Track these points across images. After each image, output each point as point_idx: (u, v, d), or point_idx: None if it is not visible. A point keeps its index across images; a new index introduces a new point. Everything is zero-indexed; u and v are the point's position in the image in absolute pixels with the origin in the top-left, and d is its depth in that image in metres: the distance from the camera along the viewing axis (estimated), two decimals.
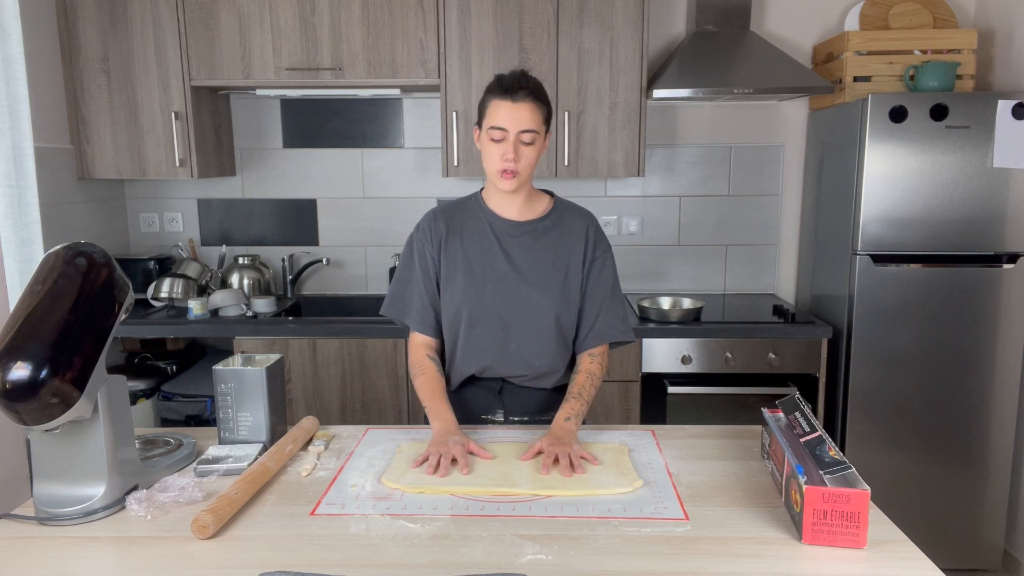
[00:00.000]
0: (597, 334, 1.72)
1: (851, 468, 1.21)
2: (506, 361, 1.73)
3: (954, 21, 2.85)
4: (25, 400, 1.18)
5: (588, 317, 1.72)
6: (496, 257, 1.69)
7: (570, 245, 1.71)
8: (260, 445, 1.56)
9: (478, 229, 1.71)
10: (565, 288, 1.70)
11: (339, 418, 2.71)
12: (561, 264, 1.70)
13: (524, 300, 1.69)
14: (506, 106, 1.57)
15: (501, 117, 1.57)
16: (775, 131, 3.15)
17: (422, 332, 1.74)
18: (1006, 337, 2.61)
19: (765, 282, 3.26)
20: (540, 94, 1.60)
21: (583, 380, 1.68)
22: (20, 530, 1.27)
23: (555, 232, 1.71)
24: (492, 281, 1.69)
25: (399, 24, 2.72)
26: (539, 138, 1.60)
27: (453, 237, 1.71)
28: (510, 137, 1.57)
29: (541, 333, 1.71)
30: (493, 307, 1.69)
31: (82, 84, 2.76)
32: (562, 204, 1.76)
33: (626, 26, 2.73)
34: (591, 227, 1.73)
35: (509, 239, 1.70)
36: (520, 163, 1.59)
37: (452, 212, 1.75)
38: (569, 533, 1.23)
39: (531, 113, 1.57)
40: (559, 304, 1.69)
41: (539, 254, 1.70)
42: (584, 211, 1.77)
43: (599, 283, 1.72)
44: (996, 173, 2.53)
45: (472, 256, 1.70)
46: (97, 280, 1.30)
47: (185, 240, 3.23)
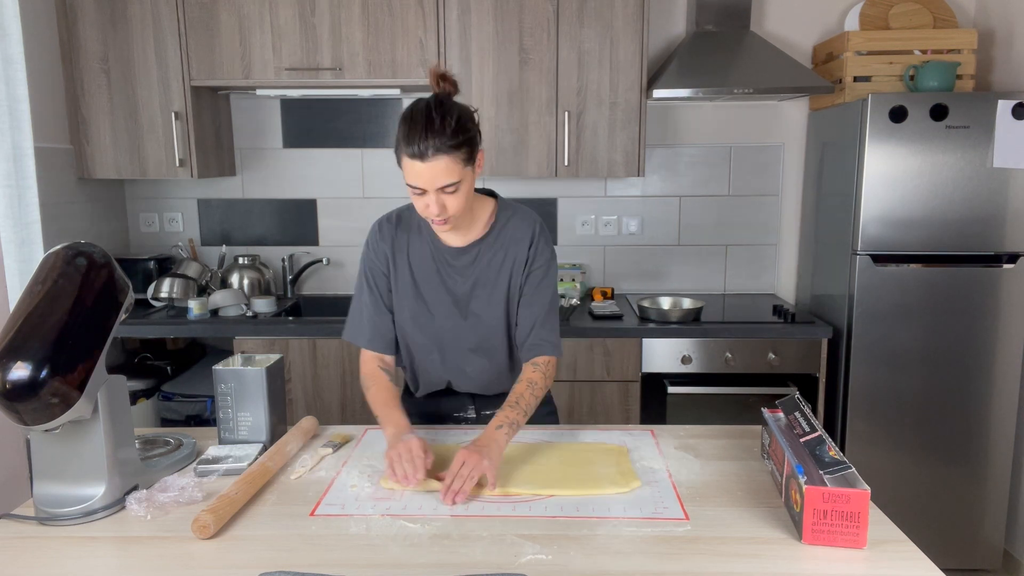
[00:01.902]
0: (531, 346, 1.62)
1: (851, 468, 1.21)
2: (464, 382, 1.73)
3: (954, 21, 2.85)
4: (25, 400, 1.18)
5: (524, 326, 1.63)
6: (440, 287, 1.63)
7: (512, 256, 1.62)
8: (260, 445, 1.56)
9: (423, 253, 1.64)
10: (509, 302, 1.65)
11: (339, 418, 2.71)
12: (504, 278, 1.63)
13: (471, 328, 1.65)
14: (417, 166, 1.42)
15: (414, 176, 1.44)
16: (775, 131, 3.15)
17: (372, 350, 1.68)
18: (1006, 337, 2.61)
19: (765, 282, 3.26)
20: (454, 139, 1.41)
21: (522, 389, 1.56)
22: (20, 530, 1.27)
23: (498, 245, 1.63)
24: (439, 312, 1.64)
25: (399, 24, 2.72)
26: (463, 183, 1.46)
27: (400, 256, 1.65)
28: (430, 193, 1.45)
29: (493, 354, 1.69)
30: (441, 337, 1.66)
31: (82, 84, 2.76)
32: (505, 212, 1.65)
33: (626, 26, 2.73)
34: (535, 235, 1.63)
35: (452, 266, 1.63)
36: (447, 211, 1.48)
37: (397, 229, 1.66)
38: (569, 533, 1.23)
39: (447, 167, 1.42)
40: (506, 324, 1.66)
41: (482, 273, 1.63)
42: (528, 216, 1.66)
43: (538, 295, 1.63)
44: (996, 173, 2.53)
45: (419, 281, 1.64)
46: (97, 280, 1.30)
47: (185, 240, 3.23)
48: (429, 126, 1.40)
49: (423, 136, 1.40)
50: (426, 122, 1.41)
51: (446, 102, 1.46)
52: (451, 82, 1.49)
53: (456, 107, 1.46)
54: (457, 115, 1.44)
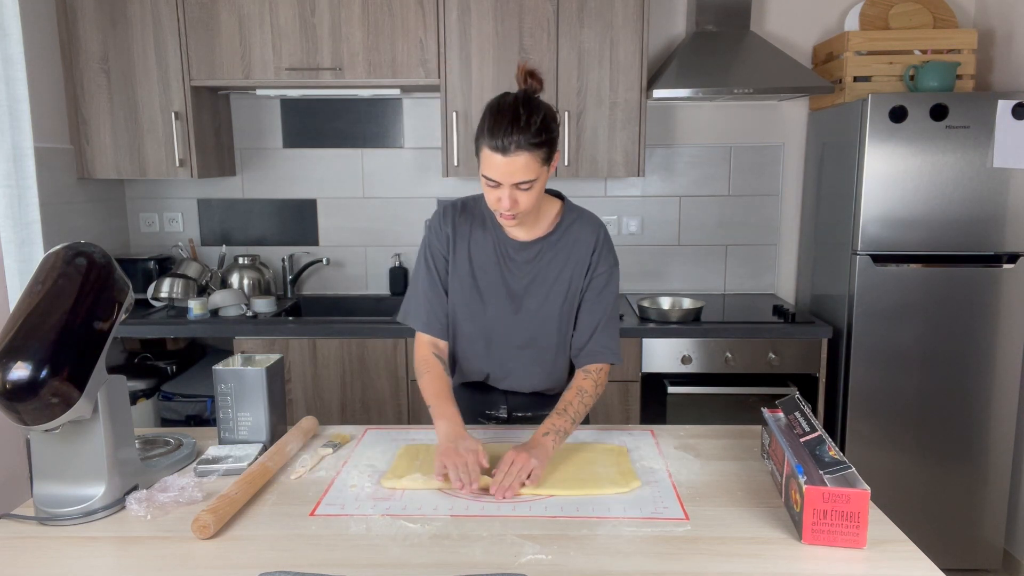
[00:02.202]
0: (590, 353, 1.64)
1: (851, 468, 1.21)
2: (503, 377, 1.74)
3: (954, 21, 2.85)
4: (25, 400, 1.18)
5: (583, 332, 1.65)
6: (499, 279, 1.65)
7: (575, 259, 1.64)
8: (260, 445, 1.56)
9: (484, 243, 1.65)
10: (566, 304, 1.66)
11: (339, 418, 2.71)
12: (564, 279, 1.64)
13: (522, 324, 1.66)
14: (497, 159, 1.43)
15: (493, 169, 1.45)
16: (775, 131, 3.15)
17: (427, 332, 1.69)
18: (1006, 337, 2.61)
19: (765, 282, 3.26)
20: (537, 138, 1.43)
21: (572, 397, 1.58)
22: (20, 530, 1.27)
23: (561, 245, 1.64)
24: (492, 303, 1.65)
25: (399, 24, 2.72)
26: (538, 181, 1.48)
27: (461, 243, 1.65)
28: (504, 187, 1.46)
29: (539, 352, 1.69)
30: (491, 329, 1.67)
31: (82, 84, 2.76)
32: (571, 213, 1.67)
33: (626, 26, 2.73)
34: (599, 240, 1.65)
35: (513, 260, 1.64)
36: (519, 206, 1.49)
37: (460, 216, 1.66)
38: (569, 533, 1.23)
39: (526, 164, 1.43)
40: (559, 324, 1.66)
41: (543, 271, 1.64)
42: (594, 220, 1.68)
43: (600, 301, 1.64)
44: (996, 173, 2.53)
45: (477, 270, 1.65)
46: (97, 280, 1.30)
47: (185, 240, 3.23)
48: (515, 121, 1.42)
49: (508, 131, 1.41)
50: (512, 117, 1.42)
51: (533, 99, 1.47)
52: (538, 79, 1.51)
53: (542, 106, 1.48)
54: (543, 114, 1.45)
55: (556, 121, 1.50)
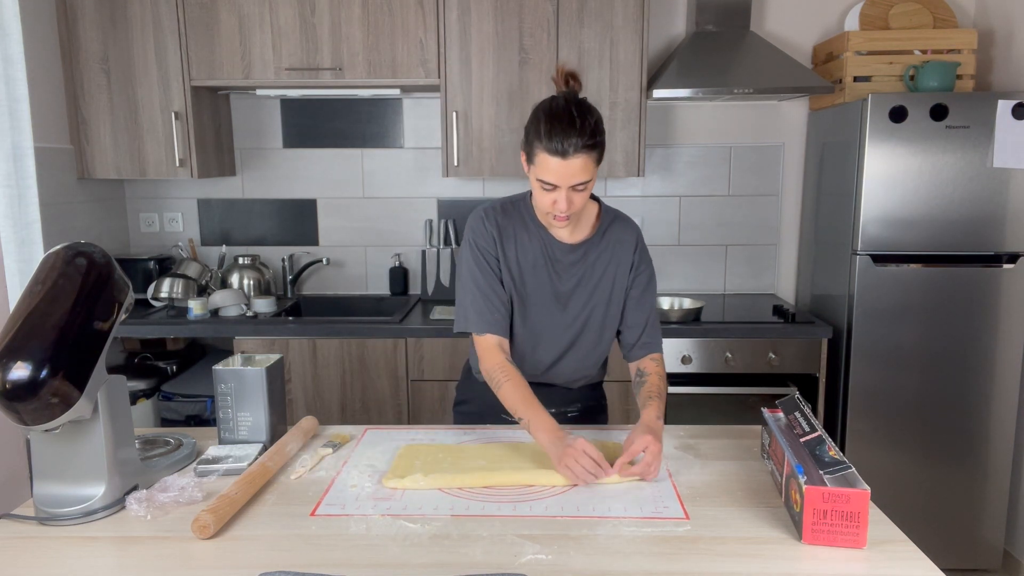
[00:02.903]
0: (645, 345, 1.70)
1: (851, 468, 1.21)
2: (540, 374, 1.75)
3: (954, 21, 2.85)
4: (25, 400, 1.18)
5: (635, 327, 1.70)
6: (546, 279, 1.66)
7: (617, 260, 1.67)
8: (260, 445, 1.56)
9: (531, 245, 1.65)
10: (610, 304, 1.68)
11: (339, 418, 2.71)
12: (608, 279, 1.67)
13: (568, 324, 1.68)
14: (555, 163, 1.45)
15: (550, 172, 1.46)
16: (775, 131, 3.15)
17: (493, 333, 1.62)
18: (1006, 337, 2.61)
19: (765, 282, 3.26)
20: (592, 139, 1.45)
21: (657, 382, 1.64)
22: (20, 530, 1.27)
23: (604, 245, 1.67)
24: (538, 305, 1.67)
25: (399, 24, 2.72)
26: (592, 180, 1.50)
27: (508, 243, 1.65)
28: (562, 190, 1.48)
29: (580, 354, 1.72)
30: (537, 331, 1.69)
31: (82, 84, 2.76)
32: (609, 214, 1.69)
33: (626, 26, 2.73)
34: (639, 239, 1.70)
35: (560, 262, 1.65)
36: (574, 207, 1.51)
37: (503, 218, 1.66)
38: (569, 533, 1.23)
39: (583, 165, 1.45)
40: (602, 325, 1.69)
41: (587, 272, 1.66)
42: (630, 223, 1.71)
43: (645, 297, 1.70)
44: (996, 173, 2.53)
45: (525, 272, 1.65)
46: (97, 280, 1.30)
47: (185, 240, 3.23)
48: (571, 125, 1.43)
49: (567, 134, 1.43)
50: (569, 120, 1.44)
51: (583, 102, 1.50)
52: (578, 81, 1.53)
53: (593, 108, 1.50)
54: (596, 116, 1.49)
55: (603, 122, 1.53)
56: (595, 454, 1.40)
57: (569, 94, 1.51)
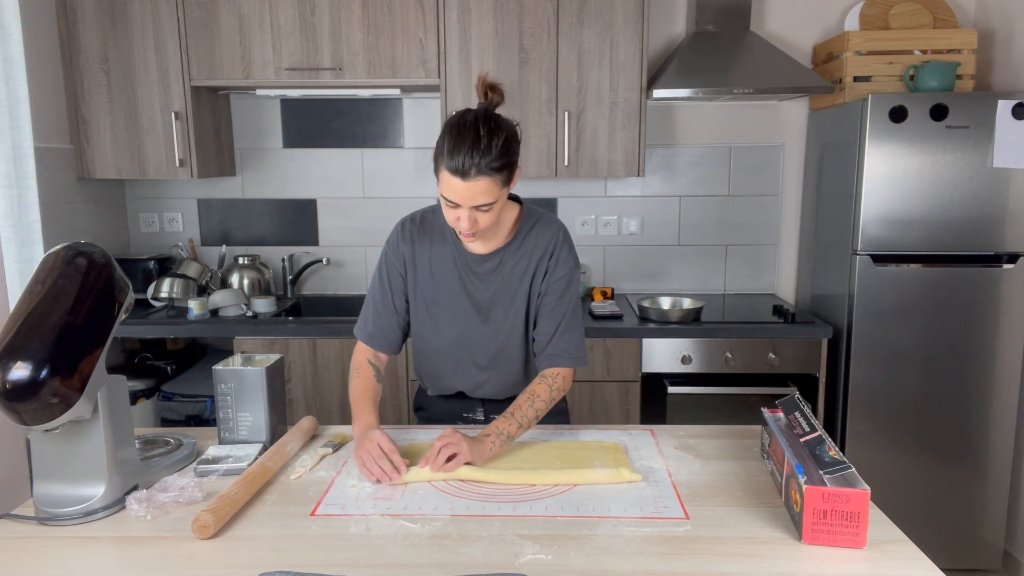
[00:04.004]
0: (548, 357, 1.61)
1: (851, 468, 1.21)
2: (476, 389, 1.73)
3: (954, 21, 2.85)
4: (25, 400, 1.18)
5: (543, 336, 1.62)
6: (461, 293, 1.62)
7: (534, 264, 1.61)
8: (260, 445, 1.56)
9: (446, 258, 1.62)
10: (528, 310, 1.64)
11: (339, 418, 2.71)
12: (524, 286, 1.61)
13: (491, 335, 1.64)
14: (456, 183, 1.39)
15: (451, 192, 1.41)
16: (775, 131, 3.15)
17: (370, 346, 1.68)
18: (1006, 337, 2.61)
19: (765, 282, 3.25)
20: (498, 162, 1.39)
21: (523, 401, 1.54)
22: (20, 530, 1.27)
23: (521, 252, 1.61)
24: (458, 318, 1.63)
25: (399, 24, 2.72)
26: (498, 201, 1.45)
27: (421, 260, 1.63)
28: (464, 208, 1.43)
29: (509, 363, 1.68)
30: (458, 344, 1.66)
31: (82, 84, 2.76)
32: (530, 219, 1.62)
33: (626, 26, 2.73)
34: (557, 244, 1.60)
35: (475, 273, 1.62)
36: (478, 226, 1.46)
37: (419, 231, 1.64)
38: (569, 533, 1.23)
39: (486, 188, 1.40)
40: (524, 332, 1.65)
41: (504, 280, 1.61)
42: (553, 224, 1.63)
43: (560, 304, 1.60)
44: (996, 173, 2.53)
45: (440, 286, 1.63)
46: (97, 280, 1.30)
47: (185, 240, 3.23)
48: (475, 145, 1.37)
49: (468, 154, 1.37)
50: (473, 139, 1.38)
51: (495, 118, 1.43)
52: (499, 93, 1.47)
53: (504, 126, 1.44)
54: (504, 135, 1.41)
55: (517, 140, 1.46)
56: (387, 447, 1.41)
57: (482, 109, 1.45)
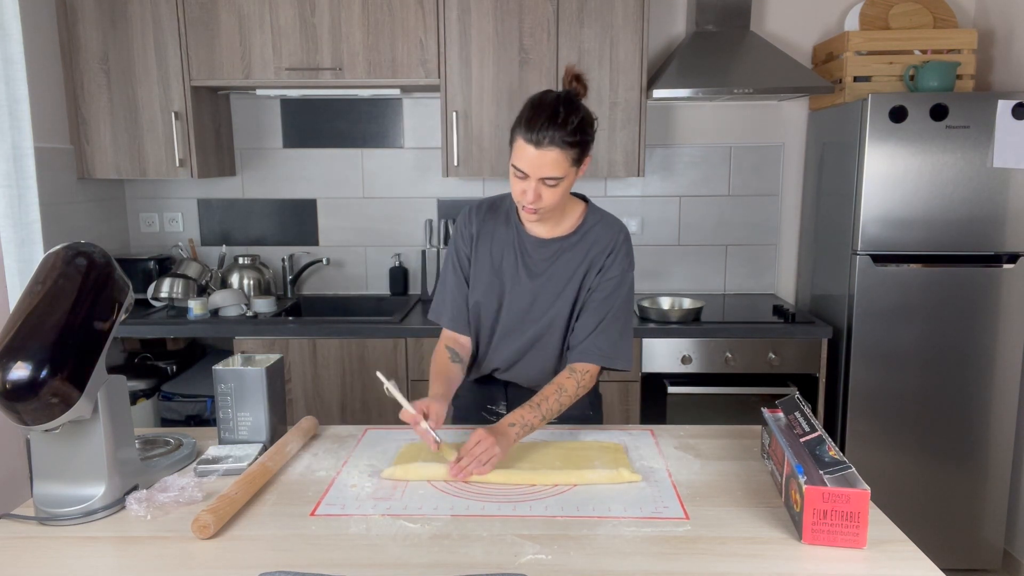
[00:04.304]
0: (581, 351, 1.62)
1: (851, 468, 1.21)
2: (507, 369, 1.75)
3: (954, 21, 2.85)
4: (25, 400, 1.18)
5: (582, 330, 1.64)
6: (518, 274, 1.67)
7: (589, 261, 1.64)
8: (260, 445, 1.56)
9: (507, 240, 1.67)
10: (577, 305, 1.67)
11: (339, 418, 2.71)
12: (576, 280, 1.65)
13: (534, 320, 1.68)
14: (529, 151, 1.45)
15: (523, 160, 1.47)
16: (775, 131, 3.15)
17: (451, 329, 1.73)
18: (1006, 337, 2.61)
19: (765, 282, 3.25)
20: (571, 137, 1.45)
21: (549, 391, 1.56)
22: (20, 530, 1.27)
23: (579, 247, 1.65)
24: (508, 299, 1.68)
25: (399, 24, 2.72)
26: (565, 180, 1.49)
27: (484, 240, 1.68)
28: (532, 180, 1.48)
29: (548, 350, 1.71)
30: (504, 324, 1.70)
31: (82, 84, 2.76)
32: (593, 216, 1.67)
33: (626, 26, 2.73)
34: (617, 243, 1.64)
35: (532, 257, 1.66)
36: (542, 202, 1.51)
37: (487, 214, 1.70)
38: (569, 533, 1.23)
39: (555, 160, 1.45)
40: (566, 323, 1.68)
41: (559, 270, 1.65)
42: (615, 224, 1.68)
43: (606, 303, 1.63)
44: (996, 173, 2.53)
45: (497, 267, 1.68)
46: (97, 280, 1.30)
47: (185, 240, 3.23)
48: (553, 117, 1.44)
49: (544, 125, 1.44)
50: (551, 113, 1.45)
51: (574, 101, 1.50)
52: (583, 85, 1.53)
53: (582, 108, 1.50)
54: (581, 116, 1.48)
55: (593, 127, 1.52)
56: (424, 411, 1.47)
57: (564, 92, 1.51)
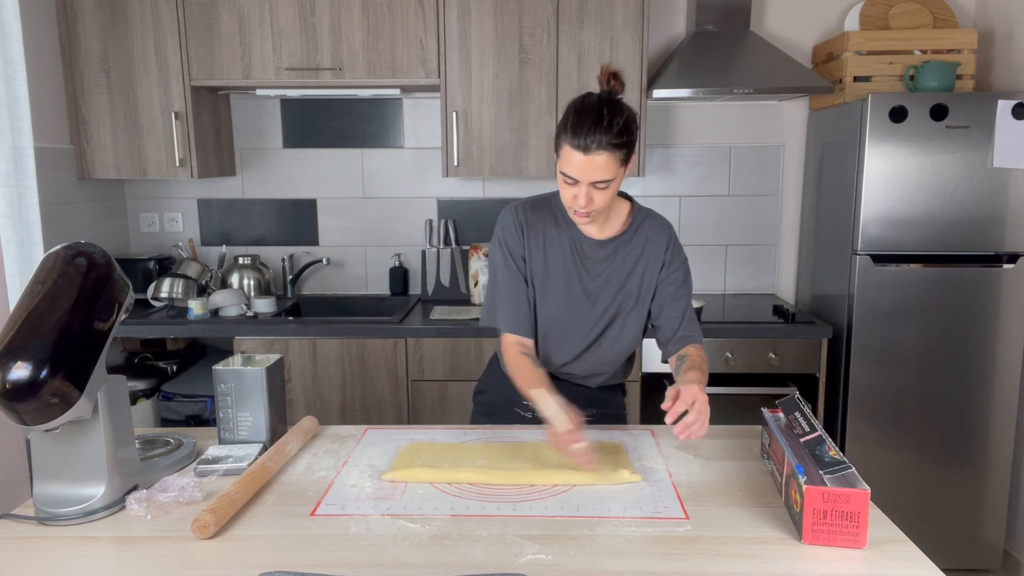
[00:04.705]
0: (682, 339, 1.67)
1: (851, 468, 1.21)
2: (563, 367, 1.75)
3: (954, 21, 2.85)
4: (25, 400, 1.18)
5: (672, 322, 1.68)
6: (574, 275, 1.67)
7: (648, 258, 1.66)
8: (260, 445, 1.56)
9: (559, 240, 1.66)
10: (638, 302, 1.68)
11: (339, 418, 2.71)
12: (636, 277, 1.67)
13: (595, 320, 1.68)
14: (577, 157, 1.46)
15: (572, 166, 1.47)
16: (775, 131, 3.15)
17: (515, 333, 1.68)
18: (1006, 337, 2.61)
19: (765, 282, 3.25)
20: (618, 139, 1.45)
21: (698, 361, 1.61)
22: (20, 530, 1.27)
23: (634, 243, 1.66)
24: (566, 301, 1.67)
25: (399, 24, 2.72)
26: (615, 180, 1.50)
27: (535, 240, 1.67)
28: (582, 185, 1.49)
29: (601, 350, 1.72)
30: (563, 326, 1.69)
31: (82, 84, 2.76)
32: (641, 213, 1.69)
33: (626, 26, 2.73)
34: (671, 238, 1.69)
35: (589, 258, 1.66)
36: (594, 204, 1.51)
37: (532, 214, 1.68)
38: (569, 533, 1.23)
39: (605, 163, 1.45)
40: (625, 322, 1.69)
41: (617, 269, 1.66)
42: (663, 221, 1.71)
43: (681, 293, 1.68)
44: (996, 173, 2.53)
45: (552, 267, 1.67)
46: (97, 280, 1.30)
47: (185, 240, 3.23)
48: (598, 121, 1.44)
49: (591, 130, 1.44)
50: (596, 117, 1.44)
51: (616, 101, 1.49)
52: (620, 82, 1.52)
53: (625, 108, 1.49)
54: (625, 116, 1.48)
55: (637, 124, 1.52)
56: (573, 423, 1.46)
57: (604, 92, 1.50)
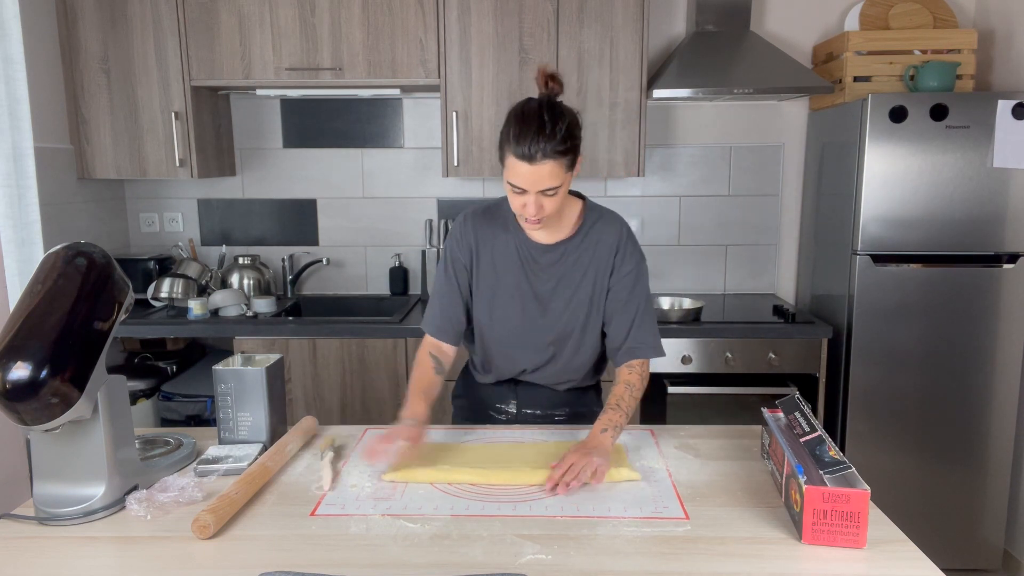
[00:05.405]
0: (628, 351, 1.64)
1: (851, 468, 1.21)
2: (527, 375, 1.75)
3: (954, 21, 2.85)
4: (25, 400, 1.18)
5: (619, 331, 1.65)
6: (524, 280, 1.65)
7: (598, 260, 1.64)
8: (260, 445, 1.56)
9: (506, 248, 1.66)
10: (591, 306, 1.66)
11: (339, 418, 2.71)
12: (588, 280, 1.65)
13: (549, 326, 1.67)
14: (523, 168, 1.44)
15: (518, 177, 1.46)
16: (775, 131, 3.15)
17: (437, 339, 1.70)
18: (1006, 337, 2.61)
19: (765, 282, 3.25)
20: (562, 146, 1.43)
21: (621, 391, 1.58)
22: (20, 530, 1.27)
23: (584, 246, 1.64)
24: (518, 308, 1.66)
25: (399, 24, 2.72)
26: (563, 186, 1.49)
27: (484, 251, 1.66)
28: (530, 194, 1.47)
29: (564, 357, 1.71)
30: (518, 333, 1.69)
31: (82, 84, 2.76)
32: (593, 214, 1.67)
33: (626, 26, 2.73)
34: (622, 239, 1.64)
35: (537, 263, 1.65)
36: (544, 211, 1.50)
37: (483, 222, 1.67)
38: (569, 533, 1.23)
39: (552, 171, 1.44)
40: (584, 324, 1.67)
41: (568, 272, 1.64)
42: (615, 220, 1.67)
43: (632, 299, 1.64)
44: (996, 173, 2.53)
45: (500, 274, 1.66)
46: (97, 280, 1.30)
47: (185, 240, 3.23)
48: (540, 130, 1.42)
49: (534, 139, 1.42)
50: (538, 125, 1.43)
51: (557, 106, 1.48)
52: (559, 83, 1.51)
53: (566, 112, 1.48)
54: (567, 121, 1.46)
55: (579, 126, 1.51)
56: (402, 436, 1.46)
57: (544, 97, 1.49)
